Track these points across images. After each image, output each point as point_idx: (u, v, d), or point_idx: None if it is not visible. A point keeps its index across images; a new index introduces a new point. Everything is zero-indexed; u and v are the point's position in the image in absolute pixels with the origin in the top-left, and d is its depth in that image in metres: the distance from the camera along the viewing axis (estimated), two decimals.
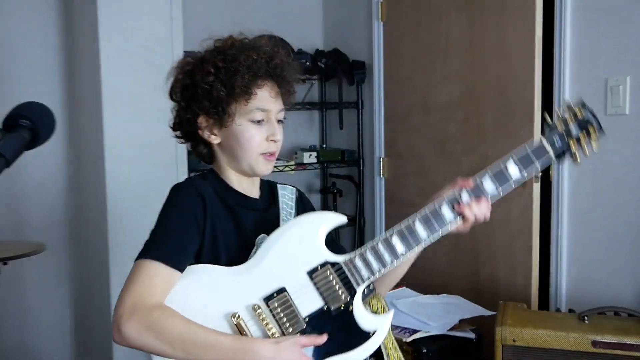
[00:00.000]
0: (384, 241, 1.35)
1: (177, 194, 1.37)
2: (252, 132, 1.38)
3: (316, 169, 3.91)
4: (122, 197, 2.83)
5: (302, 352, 1.27)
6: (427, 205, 1.38)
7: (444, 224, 1.36)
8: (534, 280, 2.61)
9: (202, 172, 1.49)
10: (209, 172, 1.47)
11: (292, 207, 1.54)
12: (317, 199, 3.96)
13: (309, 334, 1.29)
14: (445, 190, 1.40)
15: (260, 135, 1.39)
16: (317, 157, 3.60)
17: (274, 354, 1.23)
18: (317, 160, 3.60)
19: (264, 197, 1.51)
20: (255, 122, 1.38)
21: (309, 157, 3.55)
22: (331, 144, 3.88)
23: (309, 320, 1.31)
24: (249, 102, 1.36)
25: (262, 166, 1.42)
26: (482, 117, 2.81)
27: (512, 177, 1.38)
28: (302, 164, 3.54)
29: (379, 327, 1.33)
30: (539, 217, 2.61)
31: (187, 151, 2.98)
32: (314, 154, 3.58)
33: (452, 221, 1.37)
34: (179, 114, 1.43)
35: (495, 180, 1.38)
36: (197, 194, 1.35)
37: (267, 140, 1.39)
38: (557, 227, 2.57)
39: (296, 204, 1.56)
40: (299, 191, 1.60)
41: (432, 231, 1.36)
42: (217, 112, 1.36)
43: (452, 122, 2.97)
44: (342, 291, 1.32)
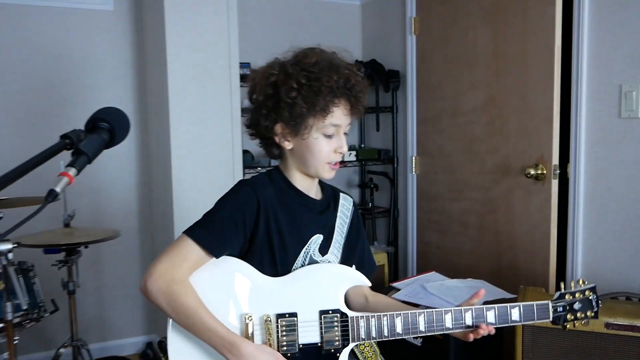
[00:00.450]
0: (390, 317, 1.34)
1: (239, 190, 1.37)
2: (323, 145, 1.37)
3: (355, 166, 3.93)
4: (185, 190, 2.89)
5: None
6: (438, 308, 1.37)
7: (442, 330, 1.35)
8: (552, 267, 2.56)
9: (268, 170, 1.47)
10: (275, 170, 1.46)
11: (347, 217, 1.54)
12: (357, 192, 3.98)
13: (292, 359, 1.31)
14: (465, 302, 1.39)
15: (329, 147, 1.37)
16: (357, 156, 3.61)
17: (253, 355, 1.25)
18: (356, 158, 3.61)
19: (324, 200, 1.50)
20: (327, 136, 1.36)
21: (349, 156, 3.56)
22: (369, 144, 3.89)
23: (302, 347, 1.32)
24: (326, 119, 1.34)
25: (327, 173, 1.41)
26: (505, 120, 2.77)
27: (511, 318, 1.39)
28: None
29: None
30: (557, 209, 2.56)
31: (242, 150, 3.03)
32: (354, 153, 3.59)
33: (450, 330, 1.36)
34: (257, 117, 1.39)
35: (497, 317, 1.38)
36: (255, 197, 1.35)
37: (335, 152, 1.38)
38: (573, 219, 2.52)
39: (351, 215, 1.56)
40: (354, 203, 1.59)
41: (429, 330, 1.35)
42: (295, 123, 1.34)
43: (477, 125, 2.94)
44: (338, 338, 1.33)
